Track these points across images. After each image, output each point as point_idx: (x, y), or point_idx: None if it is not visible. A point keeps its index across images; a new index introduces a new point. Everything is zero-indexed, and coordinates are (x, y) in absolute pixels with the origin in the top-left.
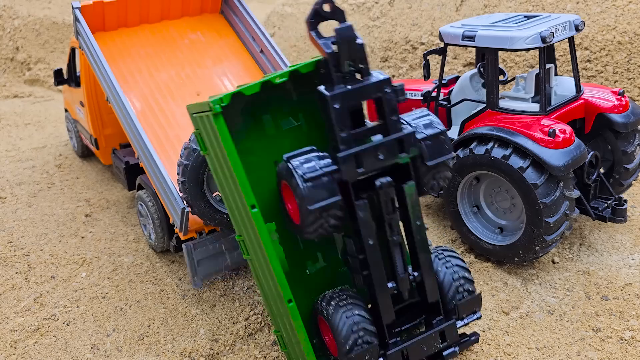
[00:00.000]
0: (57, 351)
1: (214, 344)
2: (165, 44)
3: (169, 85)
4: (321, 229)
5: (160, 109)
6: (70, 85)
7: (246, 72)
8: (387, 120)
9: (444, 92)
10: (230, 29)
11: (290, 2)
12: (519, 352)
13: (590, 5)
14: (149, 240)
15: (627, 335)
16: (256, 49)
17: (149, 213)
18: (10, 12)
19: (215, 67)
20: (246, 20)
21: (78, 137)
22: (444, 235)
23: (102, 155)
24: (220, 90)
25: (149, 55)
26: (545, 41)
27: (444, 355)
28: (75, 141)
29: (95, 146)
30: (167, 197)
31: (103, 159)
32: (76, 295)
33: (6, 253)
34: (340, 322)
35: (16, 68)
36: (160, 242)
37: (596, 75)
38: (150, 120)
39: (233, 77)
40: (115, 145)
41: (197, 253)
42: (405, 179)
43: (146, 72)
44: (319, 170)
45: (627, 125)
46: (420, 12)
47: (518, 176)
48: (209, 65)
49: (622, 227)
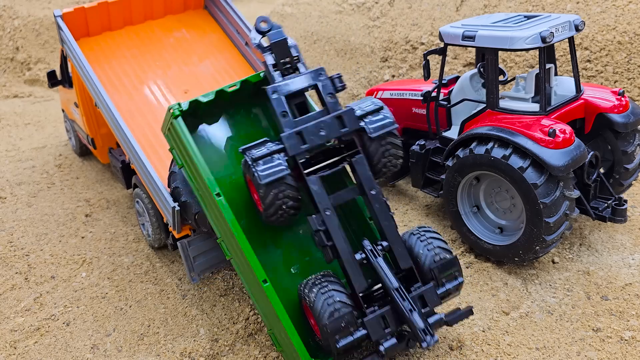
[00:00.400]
0: (57, 351)
1: (214, 344)
2: (151, 45)
3: (156, 85)
4: (281, 210)
5: (148, 109)
6: (64, 86)
7: (233, 67)
8: (326, 103)
9: (444, 92)
10: (215, 24)
11: (290, 2)
12: (519, 352)
13: (590, 5)
14: (148, 238)
15: (627, 335)
16: (241, 41)
17: (146, 210)
18: (10, 12)
19: (202, 64)
20: (229, 14)
21: (76, 136)
22: (444, 235)
23: (100, 155)
24: (207, 86)
25: (135, 57)
26: (545, 41)
27: (429, 322)
28: (74, 141)
29: (92, 146)
30: (158, 197)
31: (101, 158)
32: (76, 295)
33: (6, 253)
34: (317, 299)
35: (16, 68)
36: (158, 239)
37: (596, 75)
38: (139, 121)
39: (220, 72)
40: (112, 144)
41: (192, 249)
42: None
43: (132, 74)
44: (266, 150)
45: (627, 125)
46: (420, 12)
47: (518, 176)
48: (195, 62)
49: (622, 227)
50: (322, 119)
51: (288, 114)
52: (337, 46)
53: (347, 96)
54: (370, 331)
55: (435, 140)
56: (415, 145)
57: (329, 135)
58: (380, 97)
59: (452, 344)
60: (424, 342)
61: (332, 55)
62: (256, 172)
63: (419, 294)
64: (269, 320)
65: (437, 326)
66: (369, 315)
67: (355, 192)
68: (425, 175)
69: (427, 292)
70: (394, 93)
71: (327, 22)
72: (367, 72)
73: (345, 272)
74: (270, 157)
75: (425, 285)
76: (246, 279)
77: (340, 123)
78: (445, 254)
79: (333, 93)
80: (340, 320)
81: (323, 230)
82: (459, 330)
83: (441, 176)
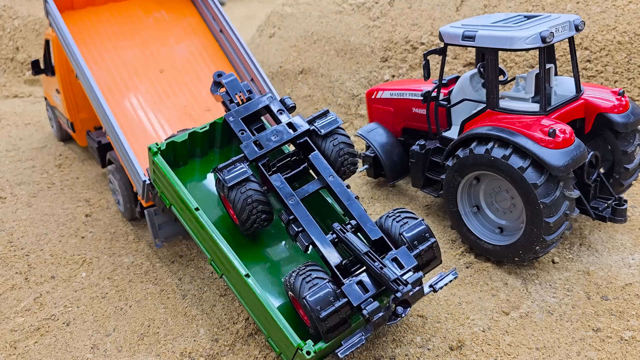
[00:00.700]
0: (57, 351)
1: (214, 344)
2: (131, 23)
3: (133, 63)
4: (253, 215)
5: (125, 85)
6: (47, 74)
7: (207, 51)
8: (277, 117)
9: (444, 92)
10: (193, 8)
11: (290, 2)
12: (519, 352)
13: (590, 5)
14: (119, 208)
15: (627, 335)
16: (216, 28)
17: (117, 183)
18: (10, 12)
19: (178, 46)
20: (206, 0)
21: (57, 122)
22: (444, 235)
23: (78, 138)
24: (181, 68)
25: (115, 34)
26: (545, 41)
27: (409, 280)
28: (55, 127)
29: (72, 129)
30: (130, 167)
31: (79, 141)
32: (76, 295)
33: (6, 253)
34: (296, 280)
35: (16, 68)
36: (128, 210)
37: (596, 75)
38: (117, 97)
39: (194, 56)
40: (90, 128)
41: (158, 218)
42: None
43: (113, 51)
44: (230, 160)
45: (627, 125)
46: (420, 12)
47: (518, 176)
48: (172, 44)
49: (622, 227)
50: (275, 127)
51: (246, 131)
52: (337, 46)
53: (347, 96)
54: (350, 297)
55: (435, 140)
56: (415, 145)
57: (282, 139)
58: (380, 97)
59: (452, 344)
60: (398, 293)
61: (332, 55)
62: (222, 179)
63: (392, 257)
64: (260, 319)
65: (417, 284)
66: (346, 283)
67: (318, 183)
68: (425, 175)
69: (400, 254)
70: (394, 93)
71: (327, 22)
72: (367, 72)
73: (320, 253)
74: (233, 165)
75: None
76: (236, 287)
77: (292, 128)
78: (412, 220)
79: (283, 109)
80: (318, 292)
81: (292, 219)
82: (459, 330)
83: (441, 176)
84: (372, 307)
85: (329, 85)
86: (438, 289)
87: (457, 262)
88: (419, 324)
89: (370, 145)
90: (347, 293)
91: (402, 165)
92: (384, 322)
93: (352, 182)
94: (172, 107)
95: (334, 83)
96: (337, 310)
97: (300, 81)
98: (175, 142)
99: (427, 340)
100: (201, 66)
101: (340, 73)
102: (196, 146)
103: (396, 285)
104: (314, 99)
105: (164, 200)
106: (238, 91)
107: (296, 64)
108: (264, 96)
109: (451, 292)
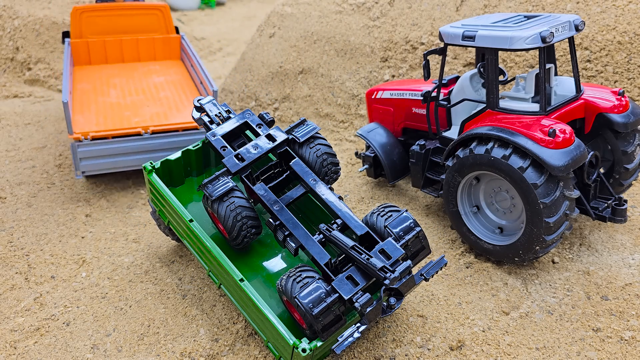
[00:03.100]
0: (57, 351)
1: (214, 344)
2: (128, 68)
3: (114, 81)
4: (241, 225)
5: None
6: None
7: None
8: (256, 131)
9: (444, 92)
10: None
11: (290, 2)
12: (519, 352)
13: (590, 5)
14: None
15: (627, 335)
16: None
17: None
18: (10, 12)
19: (157, 77)
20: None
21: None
22: (444, 235)
23: None
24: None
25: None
26: (545, 41)
27: (398, 270)
28: None
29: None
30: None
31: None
32: (76, 295)
33: (6, 253)
34: (287, 282)
35: (16, 68)
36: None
37: (596, 75)
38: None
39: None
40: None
41: (81, 152)
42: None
43: (103, 75)
44: (213, 175)
45: (627, 125)
46: (420, 12)
47: (518, 176)
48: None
49: (622, 227)
50: (255, 140)
51: (227, 147)
52: (337, 46)
53: (347, 96)
54: (340, 292)
55: (435, 140)
56: (415, 145)
57: (262, 150)
58: (380, 97)
59: (452, 344)
60: (386, 280)
61: (332, 55)
62: (207, 193)
63: (379, 249)
64: (257, 323)
65: (406, 273)
66: (335, 279)
67: (301, 188)
68: (425, 175)
69: (386, 245)
70: (394, 93)
71: (327, 22)
72: (367, 72)
73: (308, 253)
74: (217, 179)
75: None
76: (233, 294)
77: (271, 139)
78: (396, 212)
79: (262, 123)
80: (309, 289)
81: (278, 225)
82: (459, 330)
83: (441, 176)
84: (363, 299)
85: (329, 85)
86: (429, 277)
87: (457, 262)
88: (419, 324)
89: (370, 145)
90: (338, 288)
91: (402, 165)
92: (377, 314)
93: (352, 182)
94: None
95: (334, 83)
96: (329, 306)
97: (300, 81)
98: (169, 161)
99: (427, 340)
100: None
101: (340, 73)
102: (191, 164)
103: (383, 273)
104: (314, 99)
105: (163, 218)
106: (217, 112)
107: (296, 64)
108: (241, 113)
109: (451, 292)
